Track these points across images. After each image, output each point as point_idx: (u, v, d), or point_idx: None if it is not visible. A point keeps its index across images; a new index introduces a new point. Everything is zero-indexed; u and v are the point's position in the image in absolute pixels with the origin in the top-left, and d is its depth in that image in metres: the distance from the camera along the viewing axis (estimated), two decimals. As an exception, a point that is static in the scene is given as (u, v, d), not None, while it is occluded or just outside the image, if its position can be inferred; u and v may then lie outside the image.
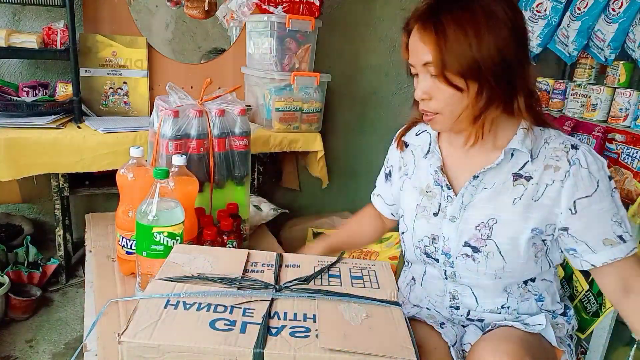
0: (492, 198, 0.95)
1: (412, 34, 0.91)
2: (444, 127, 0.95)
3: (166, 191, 0.98)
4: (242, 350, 0.66)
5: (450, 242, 0.99)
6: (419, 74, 0.92)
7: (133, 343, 0.65)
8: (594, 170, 0.90)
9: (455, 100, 0.89)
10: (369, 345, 0.69)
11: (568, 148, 0.92)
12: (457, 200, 0.98)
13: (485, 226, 0.95)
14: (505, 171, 0.95)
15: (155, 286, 0.77)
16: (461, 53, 0.84)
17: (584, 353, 1.70)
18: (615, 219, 0.90)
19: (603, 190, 0.89)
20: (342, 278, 0.87)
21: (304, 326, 0.72)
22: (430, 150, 1.05)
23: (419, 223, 1.04)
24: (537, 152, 0.93)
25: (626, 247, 0.90)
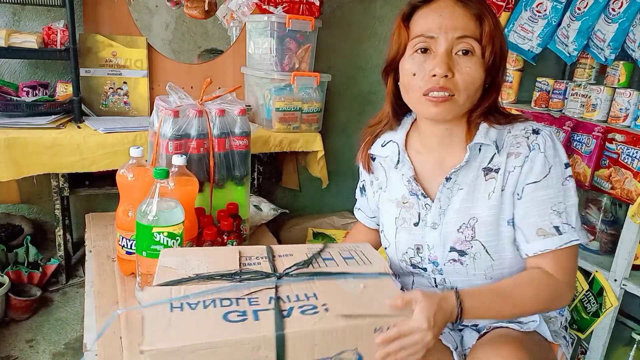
0: (468, 197, 0.93)
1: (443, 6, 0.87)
2: (452, 111, 0.89)
3: (166, 191, 0.98)
4: (264, 336, 0.68)
5: (435, 250, 0.97)
6: (440, 47, 0.86)
7: (154, 350, 0.65)
8: (550, 155, 0.88)
9: (478, 83, 0.87)
10: (374, 308, 0.76)
11: (529, 133, 0.90)
12: (435, 206, 0.96)
13: (467, 227, 0.93)
14: (476, 167, 0.93)
15: (152, 293, 0.77)
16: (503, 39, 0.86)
17: (584, 353, 1.70)
18: (555, 208, 0.88)
19: (553, 177, 0.88)
20: (336, 259, 0.93)
21: (311, 304, 0.76)
22: (400, 160, 1.01)
23: (401, 236, 1.02)
24: (501, 143, 0.92)
25: (559, 239, 0.87)
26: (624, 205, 1.60)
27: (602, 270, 1.56)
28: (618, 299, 1.52)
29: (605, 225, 1.68)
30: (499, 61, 0.88)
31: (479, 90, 0.89)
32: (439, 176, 0.97)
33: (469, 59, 0.86)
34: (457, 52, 0.86)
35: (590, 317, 1.59)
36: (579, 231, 0.89)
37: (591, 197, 1.72)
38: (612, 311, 1.53)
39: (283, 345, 0.69)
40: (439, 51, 0.86)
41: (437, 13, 0.87)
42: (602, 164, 1.57)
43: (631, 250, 1.49)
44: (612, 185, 1.53)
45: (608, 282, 1.54)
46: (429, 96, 0.87)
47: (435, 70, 0.85)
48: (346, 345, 0.73)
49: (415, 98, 0.90)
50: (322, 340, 0.71)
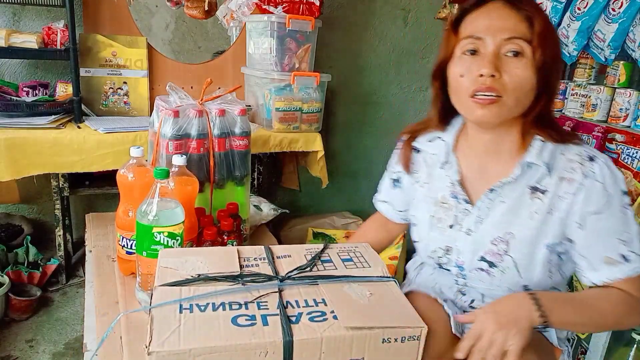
0: (509, 212, 0.92)
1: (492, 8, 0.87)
2: (501, 115, 0.86)
3: (166, 191, 0.98)
4: (272, 342, 0.68)
5: (464, 256, 0.97)
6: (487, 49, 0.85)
7: (163, 352, 0.65)
8: (609, 184, 0.86)
9: (528, 86, 0.85)
10: (383, 319, 0.75)
11: (584, 159, 0.87)
12: (474, 213, 0.95)
13: (502, 241, 0.92)
14: (523, 184, 0.91)
15: (162, 293, 0.77)
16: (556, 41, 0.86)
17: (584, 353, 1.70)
18: (621, 238, 0.86)
19: (614, 207, 0.86)
20: (335, 262, 0.92)
21: (319, 310, 0.76)
22: (447, 160, 1.00)
23: (434, 235, 1.01)
24: (553, 164, 0.89)
25: (628, 268, 0.86)
26: (624, 205, 1.60)
27: (602, 270, 1.56)
28: (618, 299, 1.52)
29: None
30: (551, 65, 0.85)
31: (529, 94, 0.86)
32: (481, 183, 0.96)
33: (518, 60, 0.84)
34: (506, 53, 0.84)
35: (590, 317, 1.58)
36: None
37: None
38: (612, 311, 1.53)
39: (290, 352, 0.69)
40: (486, 52, 0.85)
41: (486, 15, 0.87)
42: (602, 164, 1.57)
43: None
44: (612, 185, 1.53)
45: (608, 282, 1.54)
46: (475, 97, 0.86)
47: (482, 70, 0.84)
48: (353, 354, 0.72)
49: (463, 100, 0.89)
50: (329, 348, 0.71)
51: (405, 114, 2.76)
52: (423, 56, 2.67)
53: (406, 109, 2.75)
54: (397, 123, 2.76)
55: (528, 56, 0.84)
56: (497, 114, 0.86)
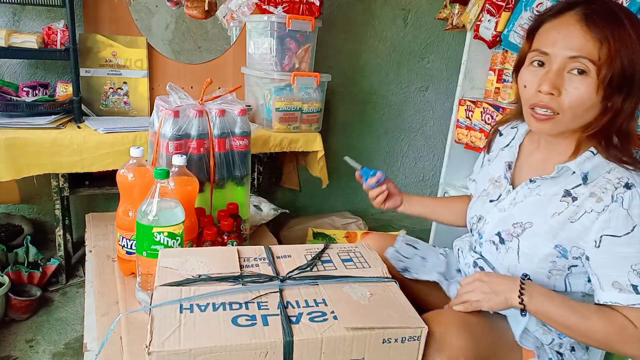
0: (539, 205, 0.97)
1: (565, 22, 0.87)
2: (555, 130, 0.91)
3: (166, 191, 0.98)
4: (272, 342, 0.69)
5: (487, 226, 1.05)
6: (552, 65, 0.87)
7: (163, 352, 0.65)
8: (635, 214, 0.86)
9: (588, 105, 0.86)
10: (383, 320, 0.75)
11: (620, 185, 0.88)
12: (512, 195, 1.02)
13: (521, 226, 0.98)
14: (561, 185, 0.95)
15: (162, 293, 0.77)
16: (632, 62, 0.83)
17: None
18: (636, 268, 0.86)
19: (636, 236, 0.85)
20: (335, 262, 0.93)
21: (320, 310, 0.76)
22: (509, 144, 1.09)
23: (477, 204, 1.12)
24: (593, 178, 0.91)
25: (635, 298, 0.86)
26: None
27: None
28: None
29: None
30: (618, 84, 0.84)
31: (589, 111, 0.87)
32: (528, 172, 1.03)
33: (581, 79, 0.85)
34: (570, 71, 0.86)
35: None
36: None
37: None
38: (612, 311, 1.53)
39: (290, 352, 0.69)
40: (551, 68, 0.88)
41: (557, 30, 0.88)
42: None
43: None
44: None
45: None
46: (533, 111, 0.91)
47: (541, 86, 0.87)
48: (353, 354, 0.73)
49: (524, 108, 0.94)
50: (329, 348, 0.71)
51: (405, 113, 2.76)
52: (423, 56, 2.67)
53: (406, 109, 2.75)
54: (397, 123, 2.76)
55: (592, 75, 0.84)
56: (551, 129, 0.91)
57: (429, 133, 2.84)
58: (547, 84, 0.86)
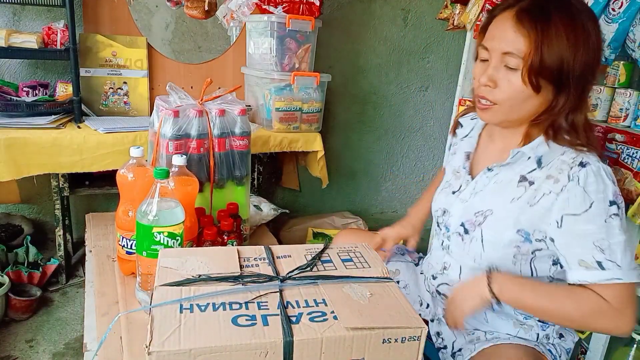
0: (497, 192, 1.00)
1: (502, 19, 0.91)
2: (495, 119, 0.97)
3: (166, 191, 0.98)
4: (272, 342, 0.68)
5: (452, 219, 1.08)
6: (492, 59, 0.93)
7: (163, 352, 0.65)
8: (591, 190, 0.88)
9: (522, 96, 0.91)
10: (383, 320, 0.75)
11: (575, 164, 0.91)
12: (471, 185, 1.06)
13: (482, 215, 1.01)
14: (516, 171, 0.98)
15: (162, 293, 0.77)
16: (557, 56, 0.86)
17: (584, 353, 1.70)
18: (598, 244, 0.87)
19: (594, 213, 0.88)
20: (335, 262, 0.93)
21: (320, 311, 0.76)
22: (468, 135, 1.13)
23: (440, 197, 1.15)
24: (548, 162, 0.95)
25: (602, 275, 0.87)
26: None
27: (602, 270, 1.56)
28: (618, 299, 1.52)
29: (605, 225, 1.68)
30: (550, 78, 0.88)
31: (526, 103, 0.92)
32: (486, 161, 1.06)
33: (511, 73, 0.90)
34: (505, 65, 0.91)
35: (590, 317, 1.58)
36: (628, 270, 0.87)
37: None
38: (612, 311, 1.53)
39: (290, 352, 0.69)
40: (490, 62, 0.93)
41: (496, 26, 0.93)
42: (602, 164, 1.57)
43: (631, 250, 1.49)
44: (612, 185, 1.53)
45: (608, 282, 1.54)
46: (478, 101, 0.97)
47: (480, 79, 0.94)
48: (353, 354, 0.73)
49: (474, 100, 1.00)
50: (329, 348, 0.71)
51: (405, 113, 2.76)
52: (423, 56, 2.67)
53: (406, 109, 2.75)
54: (397, 123, 2.76)
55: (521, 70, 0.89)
56: (492, 118, 0.97)
57: (429, 133, 2.84)
58: (484, 76, 0.93)
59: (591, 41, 0.89)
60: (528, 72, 0.87)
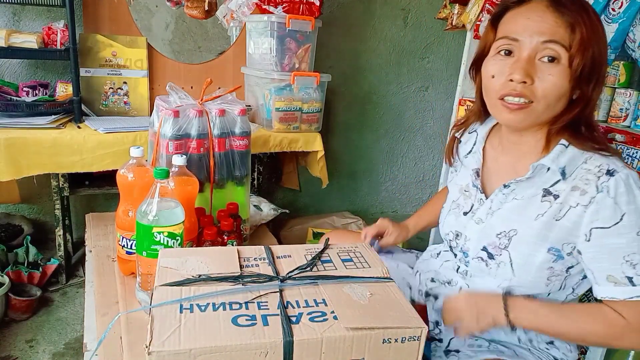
0: (518, 210, 0.92)
1: (533, 7, 0.84)
2: (527, 121, 0.87)
3: (166, 191, 0.98)
4: (272, 342, 0.68)
5: (470, 243, 0.99)
6: (522, 51, 0.84)
7: (163, 352, 0.65)
8: (622, 202, 0.82)
9: (560, 93, 0.83)
10: (383, 320, 0.75)
11: (602, 173, 0.84)
12: (487, 204, 0.97)
13: (505, 236, 0.93)
14: (538, 185, 0.91)
15: (162, 293, 0.77)
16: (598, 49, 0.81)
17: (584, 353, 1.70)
18: (629, 259, 0.82)
19: (625, 226, 0.82)
20: (335, 262, 0.92)
21: (320, 311, 0.76)
22: (472, 150, 1.05)
23: (449, 219, 1.06)
24: (571, 171, 0.87)
25: (631, 291, 0.83)
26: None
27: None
28: (618, 299, 1.52)
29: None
30: (589, 73, 0.82)
31: (561, 100, 0.84)
32: (500, 177, 0.97)
33: (553, 66, 0.82)
34: (541, 58, 0.83)
35: (590, 317, 1.58)
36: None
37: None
38: (612, 311, 1.53)
39: (290, 352, 0.69)
40: (521, 55, 0.84)
41: (526, 16, 0.84)
42: (602, 164, 1.57)
43: None
44: (612, 185, 1.53)
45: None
46: (504, 101, 0.86)
47: (513, 75, 0.83)
48: (353, 354, 0.73)
49: (492, 101, 0.89)
50: (329, 348, 0.71)
51: (405, 113, 2.76)
52: (423, 56, 2.67)
53: (406, 109, 2.75)
54: (397, 123, 2.76)
55: (564, 63, 0.81)
56: (525, 119, 0.86)
57: (429, 133, 2.84)
58: (519, 72, 0.82)
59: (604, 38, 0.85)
60: (577, 67, 0.80)
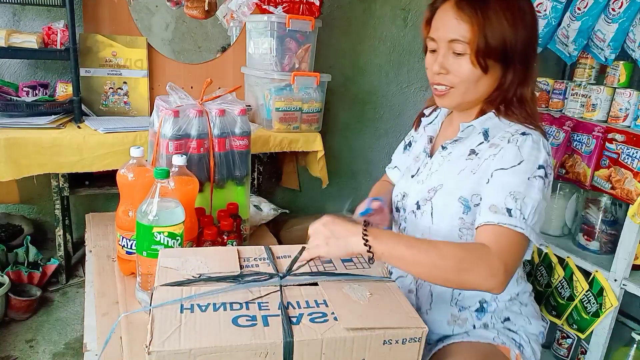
0: (449, 168, 1.04)
1: (444, 10, 0.97)
2: (453, 102, 1.01)
3: (166, 191, 0.98)
4: (273, 342, 0.68)
5: (408, 199, 1.10)
6: (440, 49, 0.98)
7: (163, 352, 0.65)
8: (525, 151, 0.93)
9: (473, 77, 0.96)
10: (383, 320, 0.75)
11: (518, 133, 0.96)
12: (428, 166, 1.09)
13: (433, 190, 1.04)
14: (467, 146, 1.03)
15: (163, 293, 0.77)
16: (499, 36, 0.92)
17: (584, 353, 1.70)
18: (514, 194, 0.89)
19: (521, 170, 0.91)
20: (335, 262, 0.94)
21: (320, 311, 0.76)
22: (432, 122, 1.17)
23: (400, 182, 1.17)
24: (494, 135, 1.00)
25: (505, 219, 0.86)
26: (624, 205, 1.60)
27: (602, 270, 1.56)
28: (618, 299, 1.52)
29: (605, 225, 1.68)
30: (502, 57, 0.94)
31: (479, 84, 0.97)
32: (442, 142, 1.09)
33: (460, 58, 0.96)
34: (452, 53, 0.97)
35: (590, 317, 1.58)
36: (530, 229, 0.87)
37: (591, 197, 1.72)
38: (612, 311, 1.53)
39: (290, 352, 0.69)
40: (439, 52, 0.99)
41: (439, 18, 0.98)
42: (602, 164, 1.57)
43: (631, 250, 1.49)
44: (612, 185, 1.53)
45: (608, 282, 1.54)
46: (434, 88, 1.02)
47: (433, 67, 0.99)
48: (354, 355, 0.73)
49: (431, 88, 1.04)
50: (329, 349, 0.71)
51: (405, 113, 2.76)
52: (423, 56, 2.66)
53: (406, 109, 2.75)
54: (397, 123, 2.76)
55: (468, 53, 0.94)
56: (450, 102, 1.02)
57: (429, 133, 2.84)
58: (436, 65, 0.98)
59: (527, 19, 0.95)
60: (475, 54, 0.93)
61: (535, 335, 1.08)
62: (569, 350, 1.78)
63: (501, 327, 1.05)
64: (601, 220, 1.69)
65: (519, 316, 1.07)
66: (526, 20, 0.95)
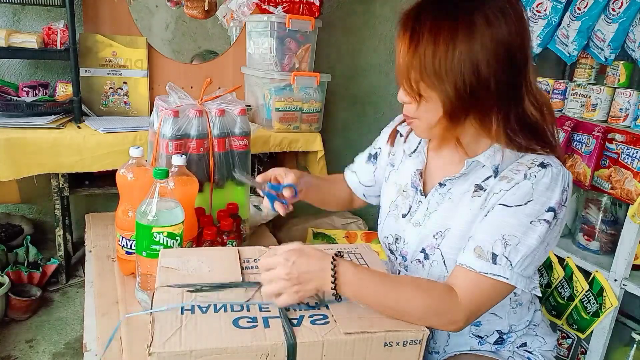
0: (453, 207, 0.91)
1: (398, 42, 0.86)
2: (422, 133, 0.92)
3: (166, 191, 0.98)
4: (273, 344, 0.68)
5: (408, 246, 0.97)
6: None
7: (164, 353, 0.65)
8: (538, 190, 0.81)
9: (426, 108, 0.84)
10: (384, 323, 0.75)
11: (535, 164, 0.84)
12: (424, 205, 0.96)
13: (441, 235, 0.92)
14: (470, 181, 0.90)
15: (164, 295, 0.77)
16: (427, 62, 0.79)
17: (584, 353, 1.70)
18: (506, 239, 0.80)
19: (524, 212, 0.81)
20: None
21: (321, 313, 0.76)
22: (417, 150, 1.02)
23: (388, 221, 1.04)
24: (503, 169, 0.87)
25: (488, 267, 0.79)
26: (624, 205, 1.60)
27: (602, 270, 1.56)
28: (618, 299, 1.52)
29: (605, 225, 1.68)
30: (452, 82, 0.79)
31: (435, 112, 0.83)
32: (437, 177, 0.96)
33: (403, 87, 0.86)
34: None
35: (590, 317, 1.59)
36: (518, 275, 0.80)
37: (591, 197, 1.72)
38: (612, 311, 1.53)
39: (292, 355, 0.69)
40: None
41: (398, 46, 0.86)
42: (602, 164, 1.57)
43: (631, 250, 1.49)
44: (612, 185, 1.53)
45: (608, 282, 1.54)
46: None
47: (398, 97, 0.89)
48: (354, 357, 0.73)
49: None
50: (330, 351, 0.71)
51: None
52: (423, 56, 2.67)
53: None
54: (397, 123, 2.76)
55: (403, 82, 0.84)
56: (421, 133, 0.92)
57: (429, 133, 2.84)
58: (399, 94, 0.88)
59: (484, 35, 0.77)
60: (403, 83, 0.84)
61: (551, 351, 1.05)
62: (569, 350, 1.78)
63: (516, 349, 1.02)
64: (601, 220, 1.69)
65: (534, 338, 1.03)
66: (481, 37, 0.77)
